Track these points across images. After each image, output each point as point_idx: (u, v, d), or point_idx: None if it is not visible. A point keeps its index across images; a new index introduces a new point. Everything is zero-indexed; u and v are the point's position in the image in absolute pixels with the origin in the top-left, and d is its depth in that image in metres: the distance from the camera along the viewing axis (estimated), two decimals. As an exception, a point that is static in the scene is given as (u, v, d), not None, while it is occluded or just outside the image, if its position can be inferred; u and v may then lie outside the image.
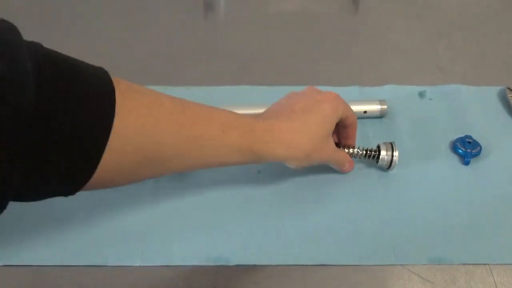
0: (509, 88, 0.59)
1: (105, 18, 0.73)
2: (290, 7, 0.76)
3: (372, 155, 0.50)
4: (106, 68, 0.35)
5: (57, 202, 0.48)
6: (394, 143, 0.50)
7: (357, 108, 0.56)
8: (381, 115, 0.56)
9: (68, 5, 0.74)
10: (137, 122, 0.33)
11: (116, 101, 0.32)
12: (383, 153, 0.50)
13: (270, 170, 0.51)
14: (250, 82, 0.61)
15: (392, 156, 0.49)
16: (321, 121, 0.44)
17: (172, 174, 0.49)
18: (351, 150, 0.51)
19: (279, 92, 0.59)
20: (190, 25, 0.72)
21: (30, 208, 0.47)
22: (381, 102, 0.56)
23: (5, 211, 0.31)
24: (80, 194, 0.48)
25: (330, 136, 0.46)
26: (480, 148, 0.53)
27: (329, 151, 0.46)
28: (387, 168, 0.50)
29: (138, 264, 0.44)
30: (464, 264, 0.44)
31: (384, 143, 0.51)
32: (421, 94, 0.60)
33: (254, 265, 0.44)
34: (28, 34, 0.33)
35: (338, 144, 0.50)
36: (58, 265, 0.43)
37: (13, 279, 0.43)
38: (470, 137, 0.53)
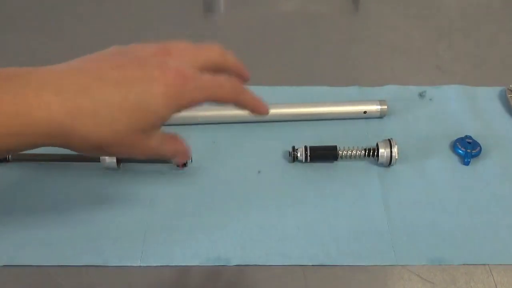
0: (509, 89, 0.59)
1: (105, 18, 0.73)
2: (290, 7, 0.76)
3: (371, 153, 0.51)
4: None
5: (57, 202, 0.48)
6: (392, 139, 0.51)
7: (357, 108, 0.56)
8: (381, 115, 0.56)
9: (68, 5, 0.74)
10: None
11: None
12: (381, 150, 0.50)
13: (270, 170, 0.51)
14: (250, 82, 0.61)
15: (391, 152, 0.50)
16: (140, 108, 0.31)
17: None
18: (350, 152, 0.51)
19: (279, 92, 0.60)
20: (190, 25, 0.72)
21: (30, 208, 0.47)
22: (381, 102, 0.56)
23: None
24: (81, 194, 0.48)
25: (152, 130, 0.33)
26: (480, 148, 0.53)
27: (145, 148, 0.34)
28: (388, 165, 0.51)
29: (138, 264, 0.44)
30: (464, 264, 0.44)
31: (383, 140, 0.51)
32: (421, 94, 0.60)
33: (254, 265, 0.44)
34: (28, 34, 0.33)
35: None
36: (58, 265, 0.43)
37: (13, 279, 0.43)
38: (470, 137, 0.53)
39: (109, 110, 0.30)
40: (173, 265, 0.44)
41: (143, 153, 0.34)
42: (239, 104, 0.37)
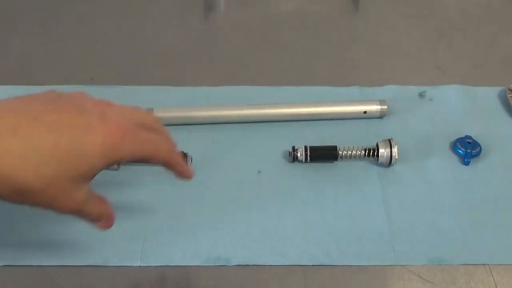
0: (509, 89, 0.59)
1: (105, 18, 0.73)
2: (290, 7, 0.76)
3: (371, 153, 0.51)
4: (107, 68, 0.35)
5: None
6: (392, 139, 0.51)
7: (357, 108, 0.56)
8: (381, 116, 0.56)
9: (68, 5, 0.74)
10: None
11: None
12: (381, 150, 0.50)
13: (270, 170, 0.51)
14: (250, 82, 0.61)
15: (391, 152, 0.50)
16: (73, 155, 0.30)
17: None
18: (350, 152, 0.51)
19: (279, 92, 0.60)
20: (190, 25, 0.72)
21: (30, 208, 0.47)
22: (381, 102, 0.56)
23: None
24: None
25: (82, 182, 0.32)
26: (480, 148, 0.53)
27: (70, 201, 0.32)
28: (388, 165, 0.51)
29: (138, 264, 0.44)
30: (464, 264, 0.44)
31: (383, 140, 0.51)
32: (421, 94, 0.60)
33: (254, 265, 0.44)
34: (28, 34, 0.33)
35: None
36: (58, 265, 0.43)
37: (13, 279, 0.43)
38: (470, 137, 0.53)
39: (38, 153, 0.29)
40: (173, 265, 0.44)
41: (67, 206, 0.32)
42: (170, 165, 0.37)
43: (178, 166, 0.38)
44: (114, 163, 0.33)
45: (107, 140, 0.31)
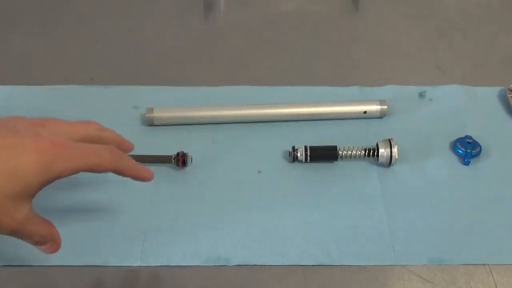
0: (509, 89, 0.59)
1: (105, 18, 0.73)
2: (290, 7, 0.76)
3: (371, 153, 0.51)
4: (107, 68, 0.35)
5: (57, 202, 0.48)
6: (392, 139, 0.51)
7: (357, 108, 0.56)
8: (381, 116, 0.56)
9: (68, 5, 0.74)
10: None
11: None
12: (381, 150, 0.50)
13: (270, 170, 0.51)
14: (250, 82, 0.61)
15: (391, 152, 0.50)
16: (7, 174, 0.31)
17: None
18: (350, 152, 0.51)
19: (279, 92, 0.60)
20: (190, 25, 0.72)
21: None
22: (381, 102, 0.56)
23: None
24: (80, 194, 0.48)
25: (21, 201, 0.33)
26: (480, 148, 0.53)
27: (9, 220, 0.32)
28: (388, 165, 0.51)
29: (138, 264, 0.44)
30: (464, 264, 0.44)
31: (383, 140, 0.51)
32: (421, 94, 0.60)
33: (254, 265, 0.44)
34: (28, 34, 0.33)
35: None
36: (58, 265, 0.43)
37: (13, 279, 0.43)
38: (470, 137, 0.53)
39: None
40: (173, 265, 0.44)
41: (6, 225, 0.32)
42: (120, 172, 0.37)
43: (129, 171, 0.37)
44: (54, 179, 0.33)
45: (41, 158, 0.32)
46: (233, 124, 0.56)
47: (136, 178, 0.39)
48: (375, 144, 0.51)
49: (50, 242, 0.37)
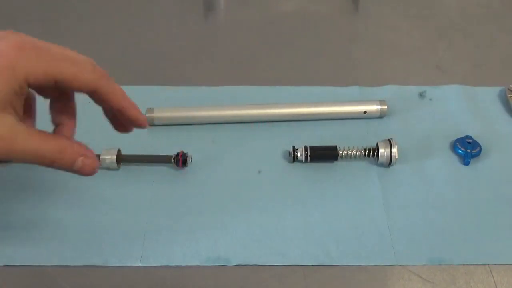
0: (509, 89, 0.59)
1: (105, 18, 0.73)
2: (290, 7, 0.76)
3: (371, 153, 0.51)
4: (107, 68, 0.35)
5: (57, 202, 0.48)
6: (392, 139, 0.51)
7: (357, 108, 0.56)
8: (381, 115, 0.56)
9: (68, 5, 0.74)
10: None
11: None
12: (381, 150, 0.50)
13: (270, 170, 0.51)
14: (250, 82, 0.61)
15: (391, 152, 0.50)
16: None
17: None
18: (350, 152, 0.51)
19: (279, 92, 0.60)
20: (190, 25, 0.72)
21: (30, 208, 0.47)
22: (381, 102, 0.56)
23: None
24: (80, 194, 0.48)
25: None
26: (480, 148, 0.53)
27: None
28: (388, 165, 0.51)
29: (138, 264, 0.44)
30: (464, 264, 0.44)
31: (383, 140, 0.51)
32: (421, 94, 0.60)
33: (254, 265, 0.44)
34: (28, 34, 0.33)
35: None
36: (58, 265, 0.43)
37: (13, 279, 0.43)
38: (470, 137, 0.53)
39: None
40: (173, 265, 0.44)
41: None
42: (101, 95, 0.30)
43: (113, 97, 0.31)
44: (22, 83, 0.28)
45: (2, 57, 0.27)
46: (233, 124, 0.56)
47: (121, 110, 0.32)
48: (375, 144, 0.51)
49: (78, 158, 0.31)
